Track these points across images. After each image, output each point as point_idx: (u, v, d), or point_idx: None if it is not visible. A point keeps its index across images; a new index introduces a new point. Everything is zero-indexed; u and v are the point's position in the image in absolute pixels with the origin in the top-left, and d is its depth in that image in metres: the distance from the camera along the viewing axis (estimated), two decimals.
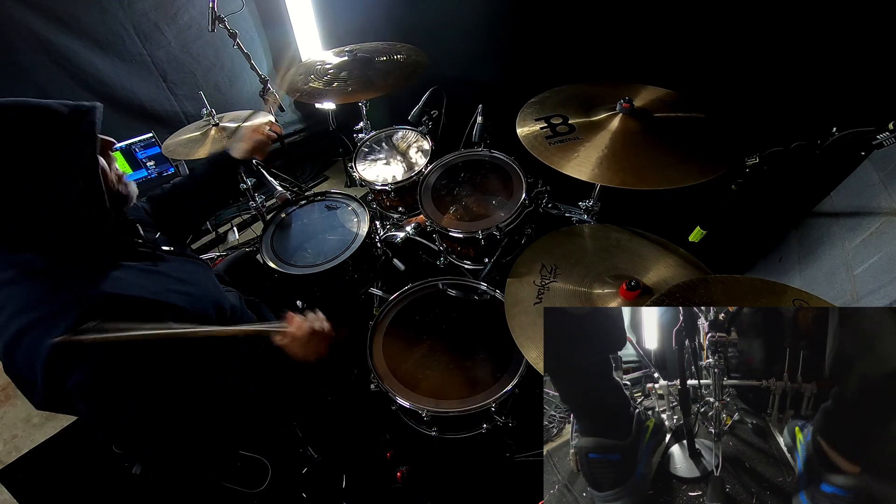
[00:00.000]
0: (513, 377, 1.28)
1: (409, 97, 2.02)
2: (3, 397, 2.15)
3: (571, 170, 1.15)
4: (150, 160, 2.52)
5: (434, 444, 1.43)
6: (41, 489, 1.84)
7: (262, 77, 2.30)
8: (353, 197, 1.87)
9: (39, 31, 2.19)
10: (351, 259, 1.64)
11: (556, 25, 1.95)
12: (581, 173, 1.14)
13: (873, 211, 1.23)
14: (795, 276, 1.50)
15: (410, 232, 1.93)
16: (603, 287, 1.17)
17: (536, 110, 1.36)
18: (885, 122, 0.88)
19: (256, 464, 1.60)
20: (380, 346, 1.41)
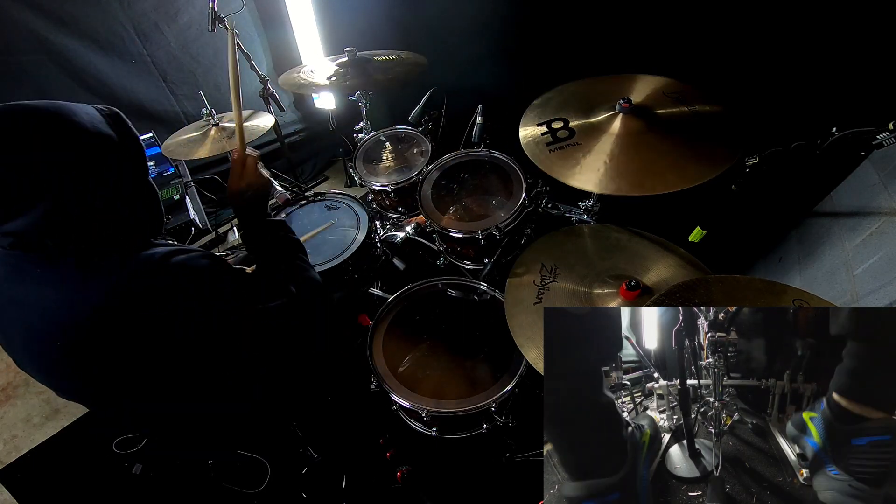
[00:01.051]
0: (513, 377, 1.28)
1: (409, 97, 2.02)
2: (3, 397, 2.15)
3: (575, 181, 1.13)
4: (150, 160, 2.52)
5: (434, 444, 1.43)
6: (41, 489, 1.84)
7: (262, 77, 2.30)
8: (353, 197, 1.87)
9: (39, 31, 2.19)
10: (351, 259, 1.64)
11: (556, 21, 1.95)
12: (582, 182, 1.12)
13: (873, 211, 1.23)
14: (795, 276, 1.50)
15: (410, 232, 1.93)
16: (603, 287, 1.17)
17: (539, 113, 1.35)
18: (885, 122, 0.88)
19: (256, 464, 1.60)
20: (380, 346, 1.41)
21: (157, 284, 0.81)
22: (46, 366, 0.87)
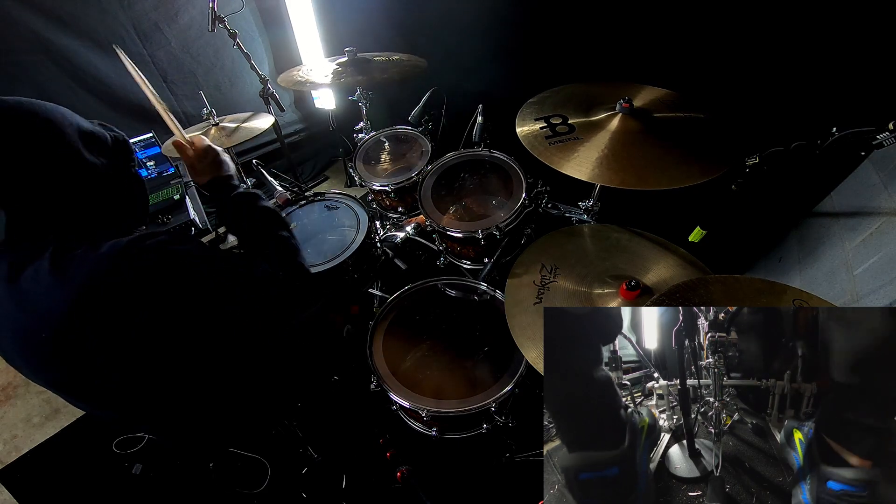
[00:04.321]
0: (513, 377, 1.28)
1: (409, 97, 2.02)
2: (3, 397, 2.15)
3: (571, 170, 1.15)
4: (150, 160, 2.52)
5: (434, 444, 1.43)
6: (41, 489, 1.84)
7: (263, 77, 2.30)
8: (353, 197, 1.87)
9: (39, 31, 2.19)
10: (351, 259, 1.64)
11: (556, 25, 1.95)
12: (581, 173, 1.13)
13: (873, 211, 1.23)
14: (795, 276, 1.50)
15: (410, 232, 1.93)
16: (603, 287, 1.17)
17: (536, 110, 1.36)
18: (885, 122, 0.88)
19: (256, 464, 1.60)
20: (380, 346, 1.41)
21: (135, 264, 0.81)
22: (34, 359, 0.87)
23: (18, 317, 0.82)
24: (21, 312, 0.82)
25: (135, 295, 0.81)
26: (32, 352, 0.86)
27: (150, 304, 0.82)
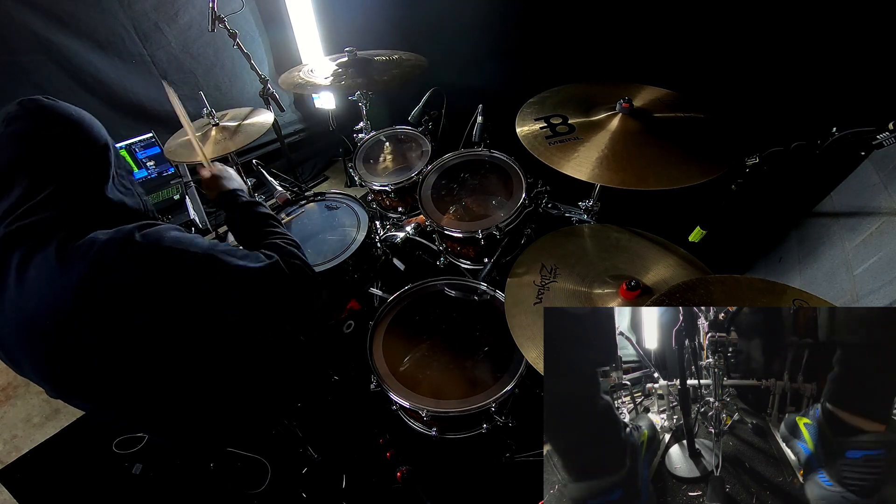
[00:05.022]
0: (513, 377, 1.28)
1: (409, 97, 2.02)
2: (3, 397, 2.15)
3: (571, 170, 1.15)
4: (150, 160, 2.52)
5: (434, 444, 1.43)
6: (41, 489, 1.84)
7: (263, 77, 2.30)
8: (354, 197, 1.87)
9: (39, 31, 2.19)
10: (351, 259, 1.64)
11: (557, 25, 1.95)
12: (581, 173, 1.13)
13: (873, 211, 1.23)
14: (795, 276, 1.49)
15: (410, 232, 1.93)
16: (603, 287, 1.17)
17: (536, 110, 1.36)
18: (885, 122, 0.88)
19: (256, 464, 1.60)
20: (380, 346, 1.41)
21: (133, 253, 0.83)
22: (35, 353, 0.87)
23: (24, 306, 0.83)
24: (27, 302, 0.83)
25: (133, 295, 0.82)
26: (34, 346, 0.86)
27: (148, 306, 0.83)
